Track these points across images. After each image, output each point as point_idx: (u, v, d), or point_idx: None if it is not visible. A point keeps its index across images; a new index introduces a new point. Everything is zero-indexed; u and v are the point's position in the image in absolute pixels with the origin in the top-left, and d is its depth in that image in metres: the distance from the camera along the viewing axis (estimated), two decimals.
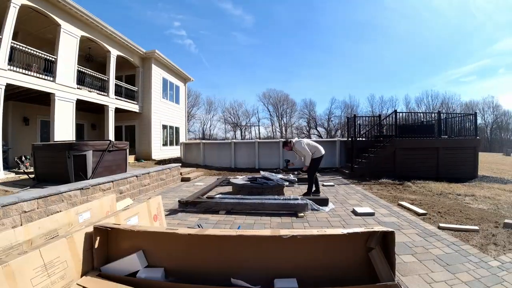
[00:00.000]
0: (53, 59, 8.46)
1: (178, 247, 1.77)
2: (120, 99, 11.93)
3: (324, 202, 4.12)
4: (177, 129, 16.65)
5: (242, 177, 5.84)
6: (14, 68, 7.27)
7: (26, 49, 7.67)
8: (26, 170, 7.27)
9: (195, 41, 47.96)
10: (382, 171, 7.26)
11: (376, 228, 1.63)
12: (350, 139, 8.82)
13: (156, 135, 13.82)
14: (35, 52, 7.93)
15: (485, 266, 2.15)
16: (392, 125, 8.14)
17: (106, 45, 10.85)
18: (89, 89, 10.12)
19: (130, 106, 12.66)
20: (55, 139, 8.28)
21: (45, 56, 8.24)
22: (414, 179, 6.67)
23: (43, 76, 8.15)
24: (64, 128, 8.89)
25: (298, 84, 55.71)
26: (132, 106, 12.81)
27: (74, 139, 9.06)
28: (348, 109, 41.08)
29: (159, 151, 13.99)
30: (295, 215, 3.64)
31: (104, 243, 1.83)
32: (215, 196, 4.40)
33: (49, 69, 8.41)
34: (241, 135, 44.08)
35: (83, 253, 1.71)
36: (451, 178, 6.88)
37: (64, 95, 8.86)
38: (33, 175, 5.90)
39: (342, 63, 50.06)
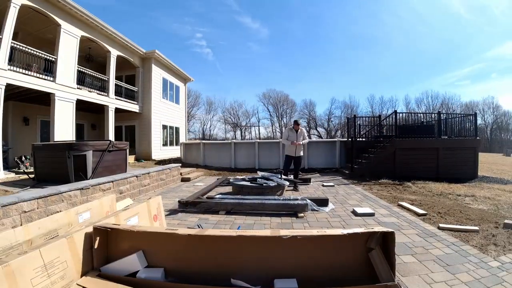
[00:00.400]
0: (53, 59, 8.47)
1: (178, 247, 1.77)
2: (120, 99, 11.94)
3: (324, 203, 4.12)
4: (177, 129, 16.65)
5: (242, 177, 5.84)
6: (14, 68, 7.27)
7: (26, 49, 7.67)
8: (26, 170, 7.27)
9: (213, 50, 51.69)
10: (382, 172, 7.26)
11: (376, 229, 1.63)
12: (350, 140, 8.82)
13: (156, 135, 13.82)
14: (35, 52, 7.93)
15: (485, 267, 2.15)
16: (392, 126, 8.13)
17: (106, 45, 10.85)
18: (89, 89, 10.13)
19: (130, 106, 12.66)
20: (55, 139, 8.28)
21: (45, 56, 8.24)
22: (414, 180, 6.66)
23: (43, 76, 8.15)
24: (64, 128, 8.89)
25: (300, 86, 58.05)
26: (132, 106, 12.81)
27: (74, 139, 9.06)
28: (348, 110, 41.19)
29: (159, 151, 13.99)
30: (295, 216, 3.64)
31: (104, 243, 1.83)
32: (215, 196, 4.40)
33: (49, 69, 8.42)
34: (241, 135, 44.12)
35: (83, 253, 1.71)
36: (451, 179, 6.88)
37: (64, 95, 8.86)
38: (33, 175, 5.90)
39: (342, 66, 52.77)
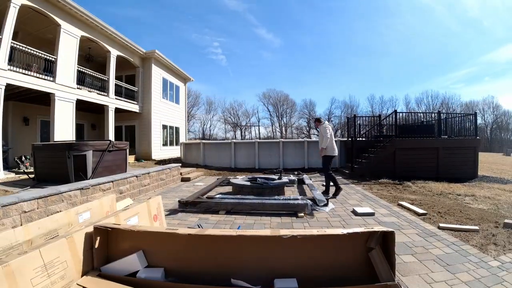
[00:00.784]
0: (53, 59, 8.46)
1: (178, 247, 1.77)
2: (120, 99, 11.93)
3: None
4: (177, 129, 16.65)
5: (242, 177, 5.84)
6: (14, 68, 7.27)
7: (26, 49, 7.66)
8: (26, 170, 7.27)
9: (227, 57, 55.40)
10: (382, 171, 7.26)
11: (376, 228, 1.63)
12: (350, 139, 8.82)
13: (156, 135, 13.82)
14: (35, 52, 7.93)
15: (485, 266, 2.15)
16: (392, 125, 8.14)
17: (106, 45, 10.85)
18: (89, 89, 10.13)
19: (130, 106, 12.66)
20: (55, 139, 8.28)
21: (45, 56, 8.24)
22: (414, 179, 6.67)
23: (43, 76, 8.15)
24: (64, 128, 8.89)
25: (300, 86, 60.18)
26: (132, 106, 12.81)
27: (74, 139, 9.06)
28: (348, 109, 41.21)
29: (159, 151, 13.99)
30: (295, 215, 3.64)
31: (104, 243, 1.83)
32: (215, 196, 4.40)
33: (49, 69, 8.41)
34: (241, 135, 44.11)
35: (83, 253, 1.71)
36: (451, 178, 6.89)
37: (64, 95, 8.86)
38: (33, 175, 5.90)
39: (343, 69, 55.47)
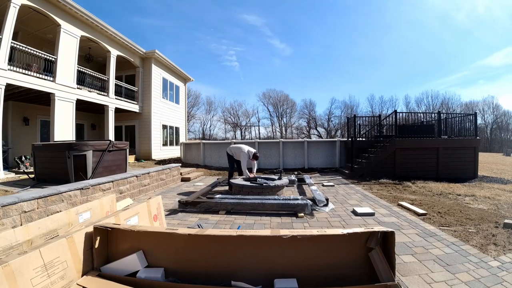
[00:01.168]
0: (53, 59, 8.46)
1: (178, 247, 1.77)
2: (120, 99, 11.93)
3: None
4: (177, 129, 16.65)
5: (242, 177, 5.84)
6: (14, 68, 7.27)
7: (26, 49, 7.67)
8: (26, 170, 7.27)
9: (240, 64, 59.42)
10: (382, 171, 7.26)
11: (376, 228, 1.63)
12: (350, 139, 8.82)
13: (156, 135, 13.82)
14: (35, 52, 7.93)
15: (485, 266, 2.15)
16: (392, 125, 8.13)
17: (106, 45, 10.85)
18: (89, 89, 10.13)
19: (130, 106, 12.66)
20: (55, 139, 8.28)
21: (45, 56, 8.24)
22: (414, 179, 6.67)
23: (43, 76, 8.14)
24: (64, 128, 8.89)
25: (300, 86, 61.90)
26: (132, 106, 12.81)
27: (74, 139, 9.06)
28: (348, 109, 41.06)
29: (159, 151, 14.00)
30: (295, 215, 3.64)
31: (104, 243, 1.83)
32: (215, 196, 4.40)
33: (49, 69, 8.41)
34: (241, 135, 44.07)
35: (83, 253, 1.71)
36: (451, 178, 6.89)
37: (64, 95, 8.86)
38: (33, 175, 5.90)
39: (344, 73, 57.87)
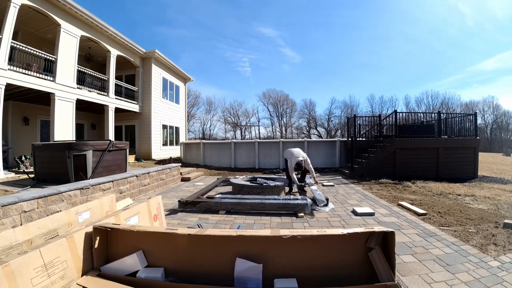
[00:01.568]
0: (53, 59, 8.46)
1: (178, 247, 1.77)
2: (120, 99, 11.94)
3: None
4: (177, 129, 16.65)
5: (242, 177, 5.85)
6: (14, 68, 7.27)
7: (26, 49, 7.67)
8: (26, 170, 7.27)
9: (252, 69, 63.04)
10: (382, 171, 7.26)
11: (376, 228, 1.63)
12: (350, 139, 8.82)
13: (156, 135, 13.82)
14: (35, 52, 7.93)
15: (485, 266, 2.15)
16: (392, 125, 8.13)
17: (106, 45, 10.85)
18: (89, 89, 10.13)
19: (130, 106, 12.66)
20: (55, 139, 8.28)
21: (45, 56, 8.24)
22: (414, 179, 6.67)
23: (43, 76, 8.14)
24: (64, 128, 8.89)
25: (300, 86, 63.71)
26: (132, 106, 12.81)
27: (74, 139, 9.06)
28: (348, 109, 41.01)
29: (159, 151, 14.00)
30: (295, 215, 3.64)
31: (104, 243, 1.83)
32: (215, 196, 4.40)
33: (49, 69, 8.41)
34: (241, 135, 44.05)
35: (83, 253, 1.71)
36: (451, 178, 6.88)
37: (64, 95, 8.86)
38: (33, 175, 5.90)
39: (345, 77, 59.77)
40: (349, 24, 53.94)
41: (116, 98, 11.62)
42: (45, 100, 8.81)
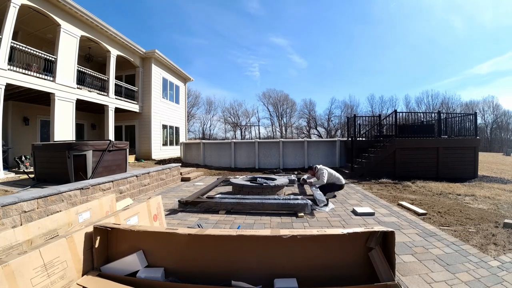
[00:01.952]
0: (53, 59, 8.46)
1: (178, 247, 1.77)
2: (120, 99, 11.93)
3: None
4: (177, 129, 16.65)
5: (242, 177, 5.84)
6: (14, 68, 7.26)
7: (26, 49, 7.66)
8: (26, 170, 7.27)
9: (261, 73, 64.60)
10: (382, 171, 7.26)
11: (376, 228, 1.63)
12: (350, 139, 8.82)
13: (156, 135, 13.82)
14: (35, 52, 7.92)
15: (485, 266, 2.15)
16: (392, 125, 8.13)
17: (106, 45, 10.85)
18: (89, 89, 10.13)
19: (130, 106, 12.66)
20: (55, 139, 8.28)
21: (45, 56, 8.24)
22: (414, 179, 6.67)
23: (43, 76, 8.14)
24: (64, 128, 8.89)
25: (301, 86, 64.27)
26: (132, 106, 12.81)
27: (74, 139, 9.06)
28: (348, 109, 41.01)
29: (159, 151, 14.00)
30: (295, 215, 3.64)
31: (104, 243, 1.83)
32: (215, 196, 4.40)
33: (49, 69, 8.41)
34: (241, 135, 44.04)
35: (83, 253, 1.71)
36: (451, 178, 6.89)
37: (64, 95, 8.86)
38: (33, 175, 5.90)
39: (345, 79, 60.77)
40: (353, 35, 56.80)
41: (116, 98, 11.62)
42: (45, 100, 8.81)
